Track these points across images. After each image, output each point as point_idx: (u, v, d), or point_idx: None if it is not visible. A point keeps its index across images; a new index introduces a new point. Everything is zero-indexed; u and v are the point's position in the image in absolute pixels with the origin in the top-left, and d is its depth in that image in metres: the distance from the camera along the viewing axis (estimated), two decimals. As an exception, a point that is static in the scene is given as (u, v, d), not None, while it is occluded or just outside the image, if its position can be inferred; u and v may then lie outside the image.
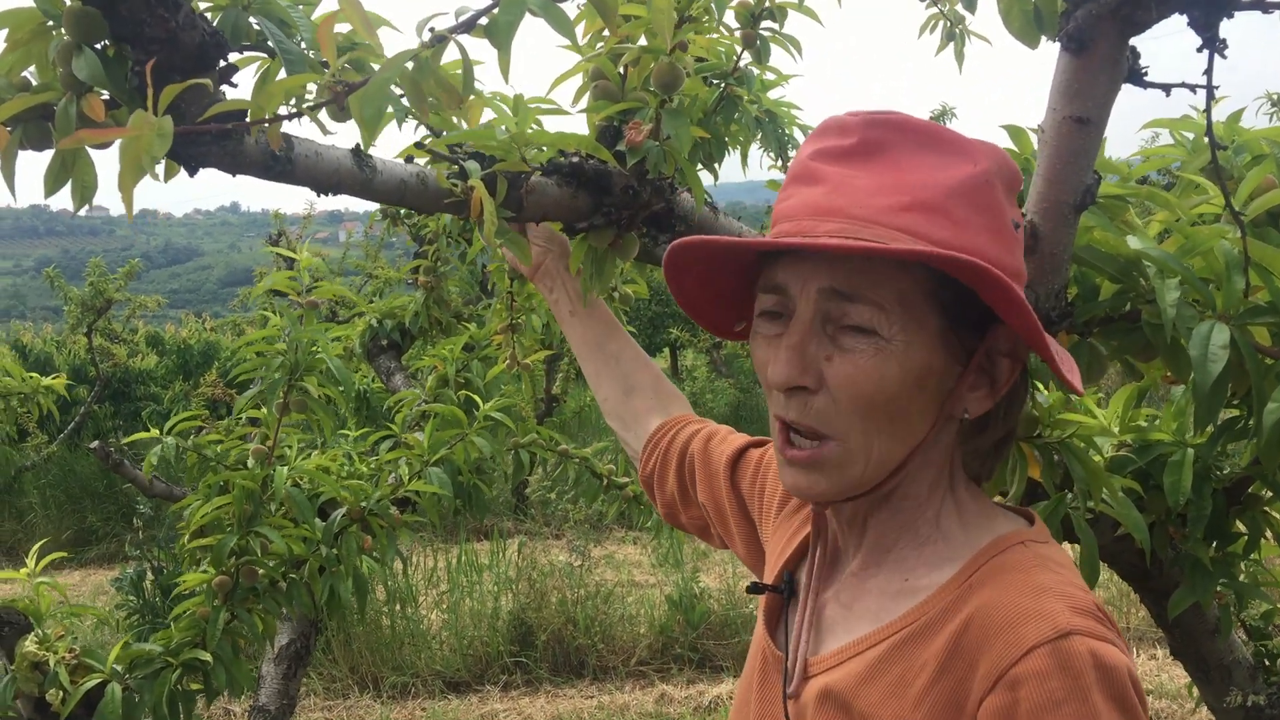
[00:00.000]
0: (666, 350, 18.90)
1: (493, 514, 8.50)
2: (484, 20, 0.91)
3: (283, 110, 0.94)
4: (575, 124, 1.58)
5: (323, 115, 0.95)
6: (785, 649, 1.11)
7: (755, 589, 1.19)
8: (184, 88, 0.84)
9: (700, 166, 2.25)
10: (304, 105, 0.93)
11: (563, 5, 0.97)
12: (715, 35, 2.06)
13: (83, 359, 11.03)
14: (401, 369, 3.70)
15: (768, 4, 2.10)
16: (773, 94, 2.50)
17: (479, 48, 0.99)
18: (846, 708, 0.99)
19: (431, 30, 0.93)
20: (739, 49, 2.08)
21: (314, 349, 2.38)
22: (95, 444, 3.82)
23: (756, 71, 2.21)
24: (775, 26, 2.10)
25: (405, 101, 0.97)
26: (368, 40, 0.90)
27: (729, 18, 2.09)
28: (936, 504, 1.05)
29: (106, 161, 1.24)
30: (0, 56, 1.15)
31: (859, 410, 0.97)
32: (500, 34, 0.88)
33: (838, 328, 0.97)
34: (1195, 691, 2.09)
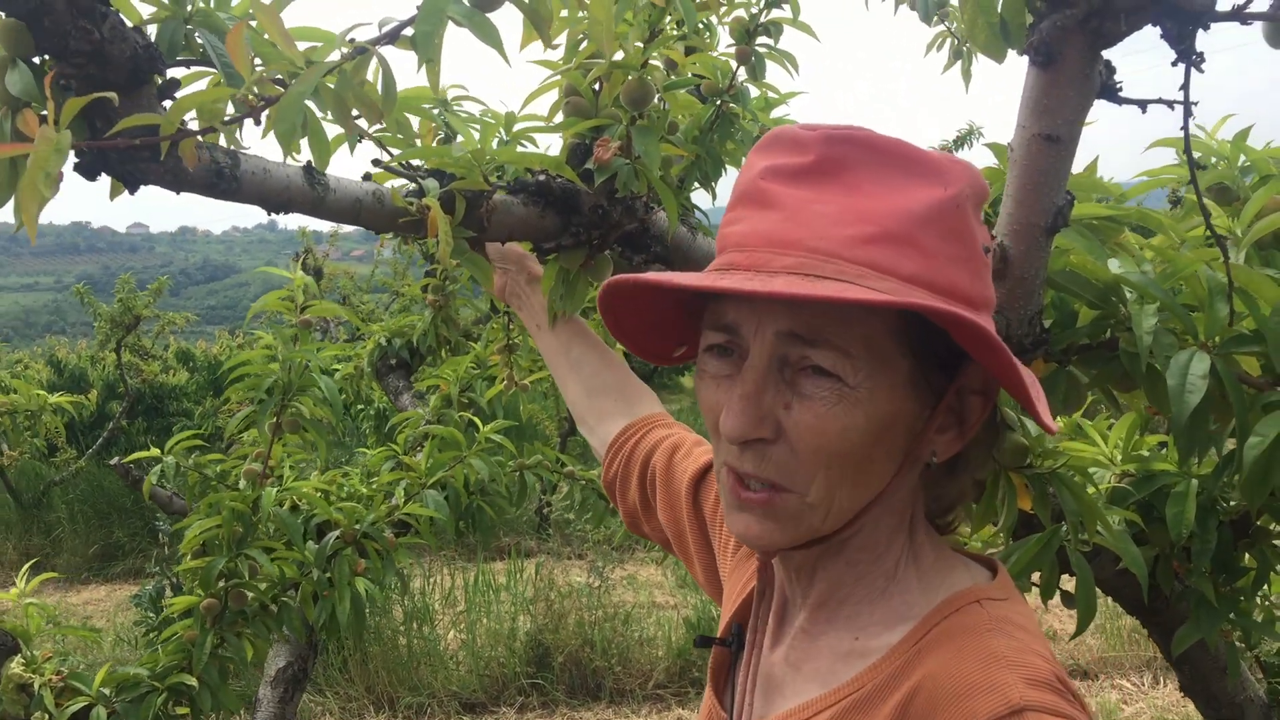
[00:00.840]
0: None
1: (514, 533, 8.46)
2: (409, 31, 0.87)
3: (196, 125, 0.91)
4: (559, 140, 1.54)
5: (246, 131, 0.92)
6: (730, 710, 1.04)
7: (703, 643, 1.11)
8: (87, 101, 0.81)
9: (697, 186, 2.20)
10: (220, 120, 0.90)
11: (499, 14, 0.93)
12: (714, 54, 2.03)
13: (115, 375, 11.13)
14: (409, 388, 3.68)
15: (763, 20, 2.06)
16: (775, 113, 2.46)
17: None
18: None
19: (353, 42, 0.89)
20: (734, 64, 2.04)
21: (305, 369, 2.35)
22: (115, 461, 3.83)
23: (755, 90, 2.17)
24: (771, 43, 2.06)
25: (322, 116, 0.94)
26: (287, 53, 0.86)
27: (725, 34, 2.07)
28: (896, 553, 0.96)
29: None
30: (-61, 72, 1.12)
31: (821, 462, 0.88)
32: (422, 46, 0.84)
33: (796, 371, 0.88)
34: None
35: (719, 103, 2.07)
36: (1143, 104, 1.11)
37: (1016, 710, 0.79)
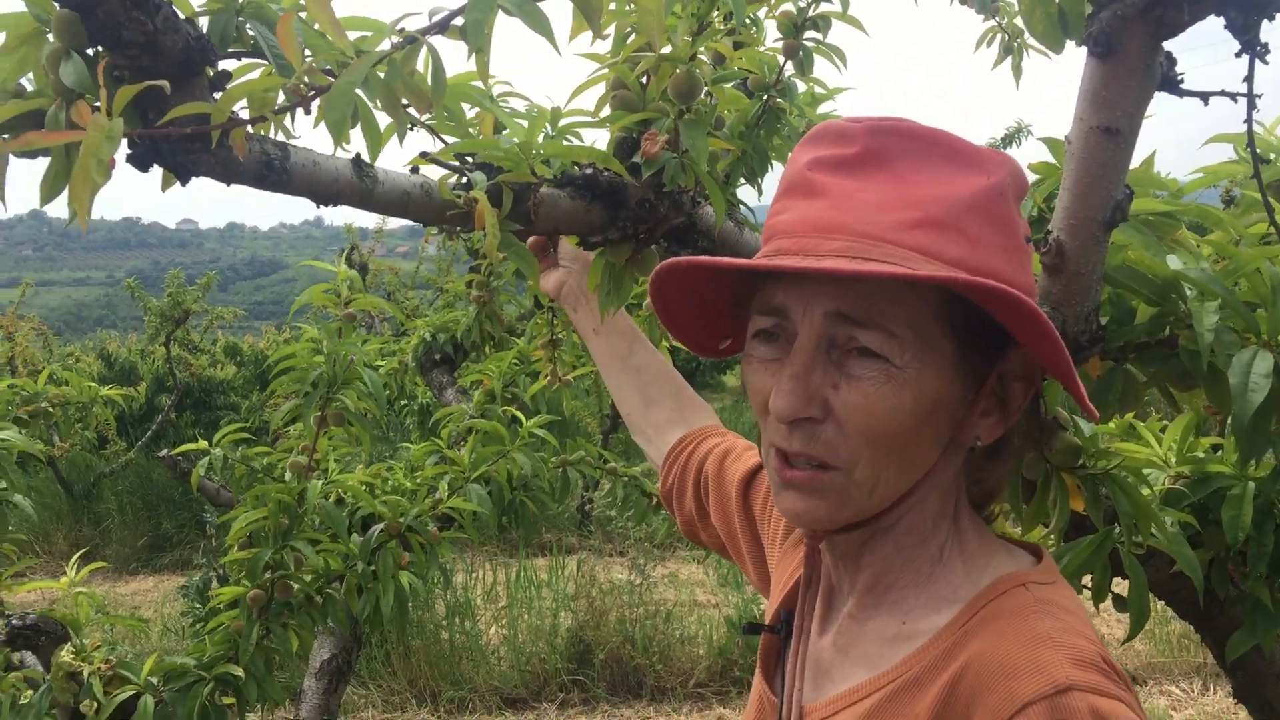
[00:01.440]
0: (739, 367, 18.82)
1: (556, 530, 8.47)
2: (459, 20, 0.86)
3: (245, 119, 0.91)
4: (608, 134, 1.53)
5: (292, 121, 0.92)
6: (780, 695, 1.04)
7: (751, 629, 1.12)
8: (140, 89, 0.81)
9: (743, 182, 2.19)
10: (269, 110, 0.90)
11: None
12: (761, 48, 2.01)
13: (164, 368, 11.29)
14: (453, 383, 3.69)
15: (811, 14, 2.04)
16: (822, 108, 2.43)
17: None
18: None
19: (402, 31, 0.89)
20: (781, 59, 2.02)
21: (350, 362, 2.36)
22: (164, 453, 3.88)
23: (802, 85, 2.15)
24: (819, 37, 2.04)
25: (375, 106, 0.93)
26: (337, 42, 0.86)
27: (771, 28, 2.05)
28: (941, 537, 0.97)
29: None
30: (-4, 63, 1.14)
31: (868, 441, 0.90)
32: (472, 35, 0.84)
33: (844, 352, 0.90)
34: (1265, 735, 1.97)
35: (765, 98, 2.06)
36: (1204, 96, 1.09)
37: (1062, 690, 0.80)
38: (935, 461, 0.94)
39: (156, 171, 1.16)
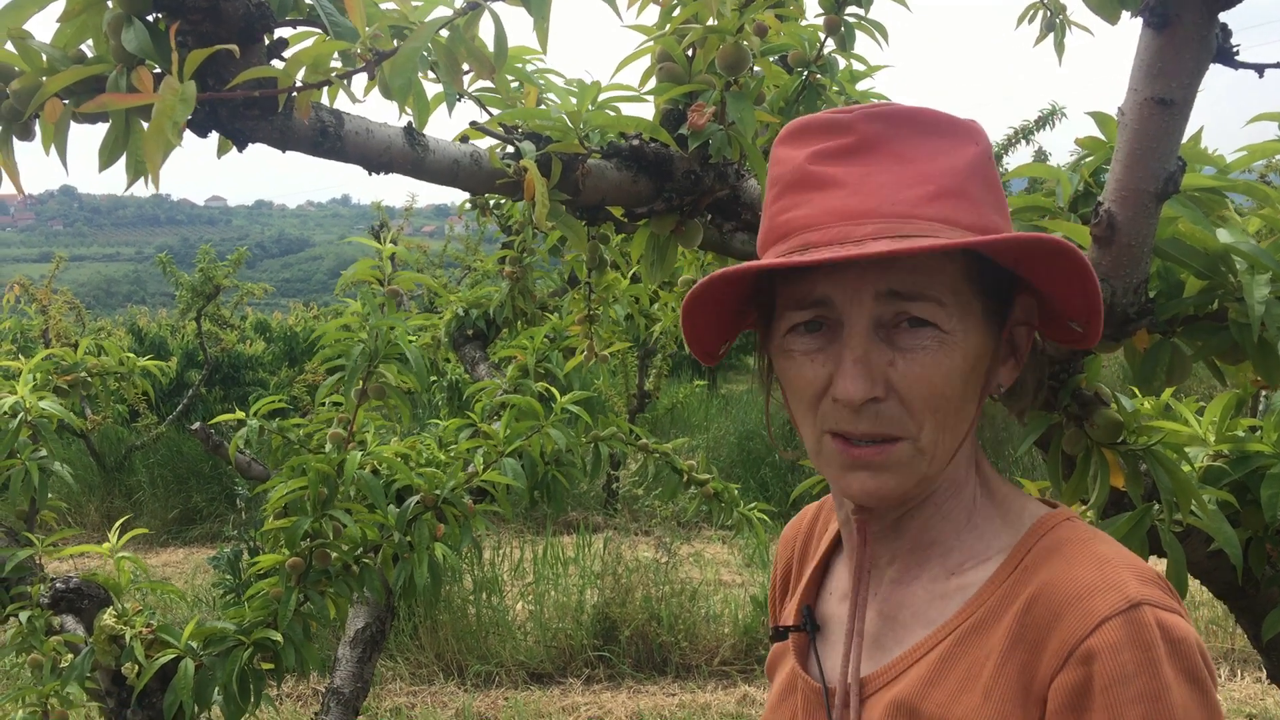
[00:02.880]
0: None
1: (582, 508, 8.51)
2: (520, -11, 0.88)
3: (313, 82, 0.92)
4: (650, 110, 1.54)
5: (357, 84, 0.93)
6: (823, 681, 1.06)
7: (779, 634, 1.14)
8: (210, 53, 0.82)
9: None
10: (333, 73, 0.91)
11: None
12: (804, 22, 2.01)
13: (194, 344, 11.37)
14: (486, 359, 3.71)
15: (853, -12, 2.03)
16: (862, 85, 2.42)
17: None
18: (915, 714, 0.95)
19: (465, -2, 0.90)
20: (822, 35, 2.02)
21: (392, 336, 2.38)
22: (196, 426, 3.92)
23: (842, 62, 2.14)
24: (860, 12, 2.03)
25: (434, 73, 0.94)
26: (401, 7, 0.88)
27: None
28: (971, 486, 1.02)
29: (212, 152, 1.24)
30: (57, 28, 1.15)
31: (930, 408, 0.94)
32: (536, 3, 0.85)
33: (891, 329, 0.94)
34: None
35: (806, 74, 2.05)
36: (1259, 68, 1.08)
37: (1135, 604, 0.86)
38: (974, 417, 0.99)
39: (187, 146, 1.17)
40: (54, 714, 2.33)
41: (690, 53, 1.48)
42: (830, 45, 2.03)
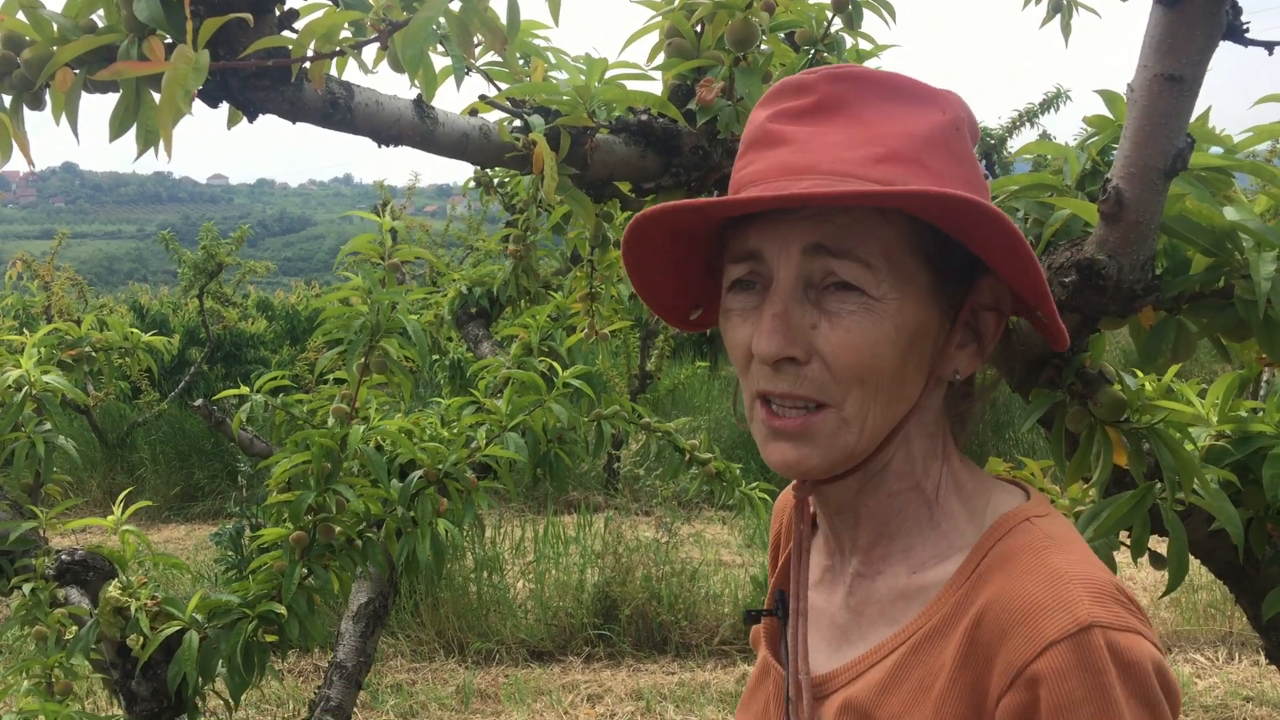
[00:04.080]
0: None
1: (583, 488, 8.53)
2: (533, -41, 0.88)
3: (326, 52, 0.92)
4: (655, 89, 1.54)
5: (367, 55, 0.93)
6: (786, 667, 1.05)
7: (751, 618, 1.14)
8: (224, 22, 0.82)
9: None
10: (345, 43, 0.91)
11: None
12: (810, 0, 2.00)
13: (196, 321, 11.38)
14: (489, 337, 3.72)
15: (861, -34, 2.03)
16: (868, 65, 2.41)
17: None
18: (867, 719, 0.94)
19: (478, -32, 0.90)
20: (829, 13, 2.01)
21: (393, 311, 2.38)
22: (199, 402, 3.93)
23: (849, 40, 2.13)
24: (868, -11, 2.02)
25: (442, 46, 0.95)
26: (413, -22, 0.88)
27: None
28: (935, 478, 0.99)
29: (226, 130, 1.24)
30: (68, -1, 1.15)
31: (856, 377, 0.90)
32: (548, -28, 0.85)
33: (820, 291, 0.91)
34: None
35: (812, 52, 2.05)
36: (1269, 45, 1.08)
37: (1084, 627, 0.82)
38: (917, 397, 0.96)
39: (189, 123, 1.17)
40: (59, 685, 2.35)
41: (699, 28, 1.48)
42: (837, 24, 2.02)
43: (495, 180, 4.19)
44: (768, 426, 0.94)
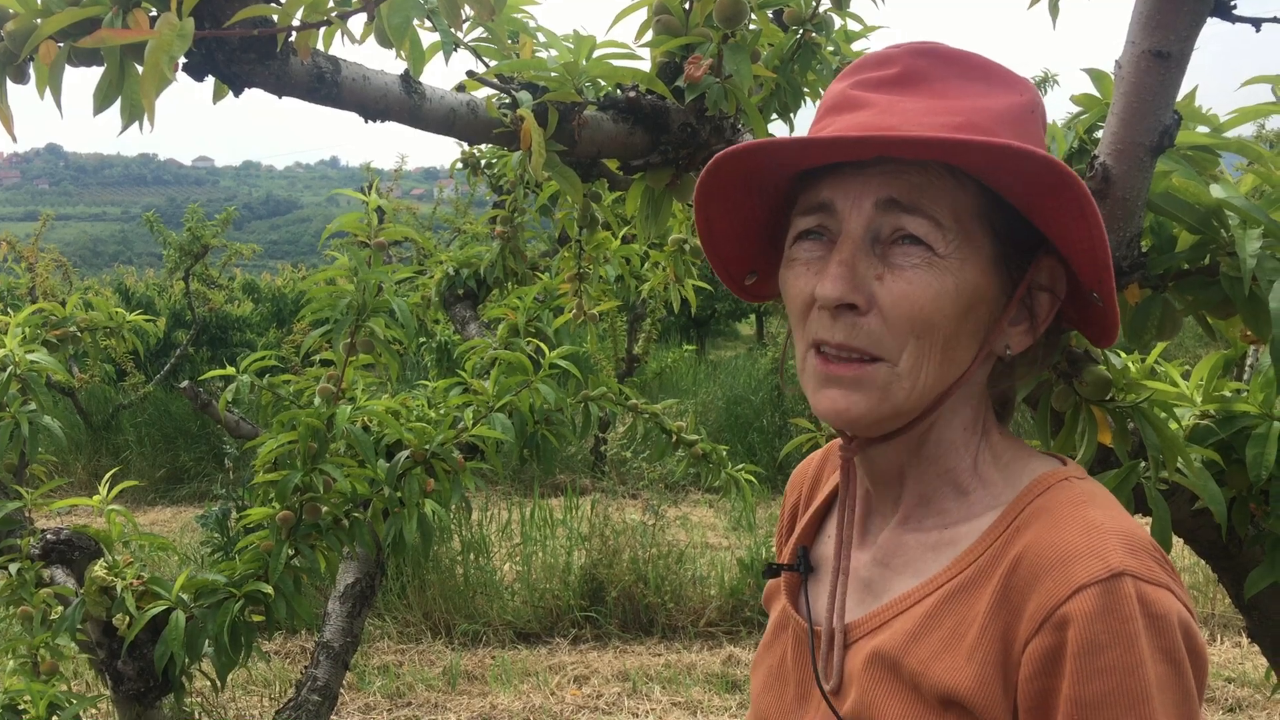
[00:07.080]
0: (753, 316, 18.82)
1: (570, 471, 8.53)
2: (521, -70, 0.87)
3: (313, 22, 0.92)
4: (644, 66, 1.53)
5: (355, 27, 0.93)
6: (810, 622, 1.07)
7: (771, 572, 1.15)
8: (209, -9, 0.82)
9: (775, 116, 2.18)
10: (331, 13, 0.91)
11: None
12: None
13: (181, 304, 11.34)
14: (476, 318, 3.71)
15: (850, -55, 2.03)
16: (857, 45, 2.42)
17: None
18: (895, 667, 0.94)
19: (465, -61, 0.90)
20: (818, -7, 2.01)
21: (380, 291, 2.38)
22: (185, 384, 3.92)
23: (838, 20, 2.13)
24: (857, -31, 2.02)
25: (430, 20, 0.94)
26: (400, -52, 0.87)
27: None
28: (974, 450, 1.00)
29: (211, 112, 1.18)
30: (52, -30, 1.14)
31: (914, 330, 0.92)
32: (535, -57, 0.85)
33: (887, 245, 0.93)
34: (1274, 677, 2.00)
35: (801, 32, 2.05)
36: (1256, 22, 1.09)
37: (1116, 574, 0.83)
38: (968, 367, 0.97)
39: (174, 105, 1.17)
40: (44, 665, 2.35)
41: (687, 5, 1.47)
42: (826, 3, 2.02)
43: (482, 161, 4.18)
44: (821, 372, 0.96)
